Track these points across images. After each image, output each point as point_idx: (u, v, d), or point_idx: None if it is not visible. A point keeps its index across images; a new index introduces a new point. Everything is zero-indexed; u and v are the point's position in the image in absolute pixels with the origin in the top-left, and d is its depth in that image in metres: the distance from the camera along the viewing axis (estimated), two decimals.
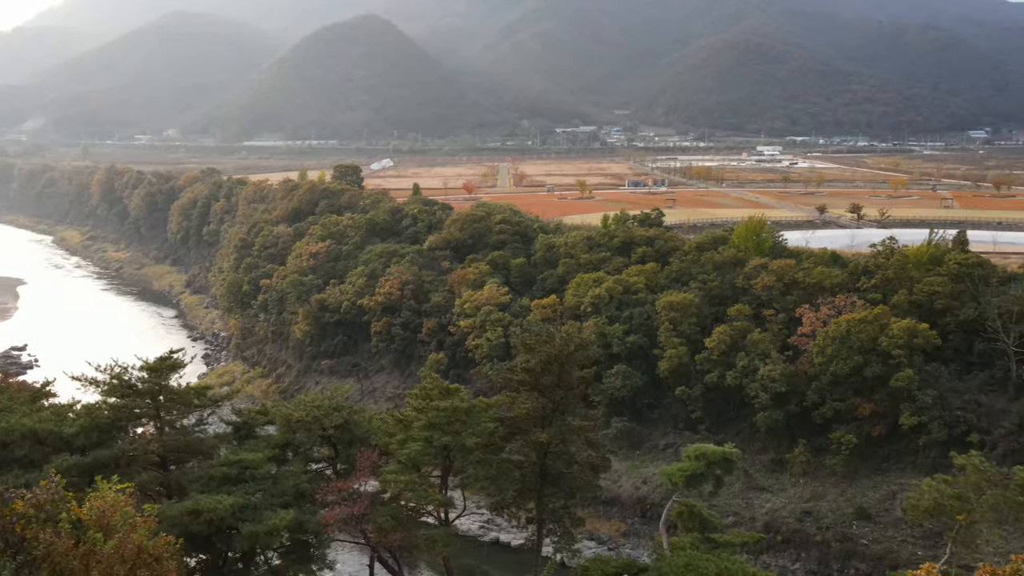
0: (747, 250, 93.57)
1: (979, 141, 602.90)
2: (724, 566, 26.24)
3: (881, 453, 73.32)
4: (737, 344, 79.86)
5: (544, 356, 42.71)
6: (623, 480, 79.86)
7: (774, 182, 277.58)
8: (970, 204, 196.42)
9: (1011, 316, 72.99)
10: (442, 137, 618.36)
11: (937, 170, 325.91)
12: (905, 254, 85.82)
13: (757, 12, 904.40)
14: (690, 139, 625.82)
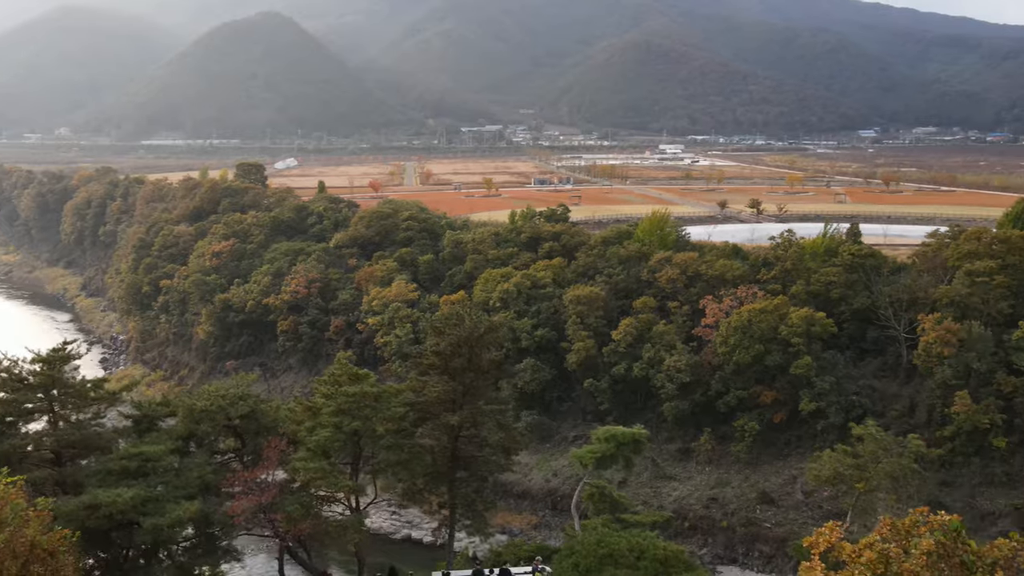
0: (651, 244, 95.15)
1: (869, 140, 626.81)
2: (635, 542, 26.65)
3: (782, 439, 75.57)
4: (643, 336, 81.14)
5: (454, 339, 42.52)
6: (533, 473, 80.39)
7: (676, 179, 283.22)
8: (862, 199, 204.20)
9: (901, 304, 76.13)
10: (348, 136, 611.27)
11: (831, 167, 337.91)
12: (802, 246, 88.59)
13: (658, 14, 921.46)
14: (594, 138, 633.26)
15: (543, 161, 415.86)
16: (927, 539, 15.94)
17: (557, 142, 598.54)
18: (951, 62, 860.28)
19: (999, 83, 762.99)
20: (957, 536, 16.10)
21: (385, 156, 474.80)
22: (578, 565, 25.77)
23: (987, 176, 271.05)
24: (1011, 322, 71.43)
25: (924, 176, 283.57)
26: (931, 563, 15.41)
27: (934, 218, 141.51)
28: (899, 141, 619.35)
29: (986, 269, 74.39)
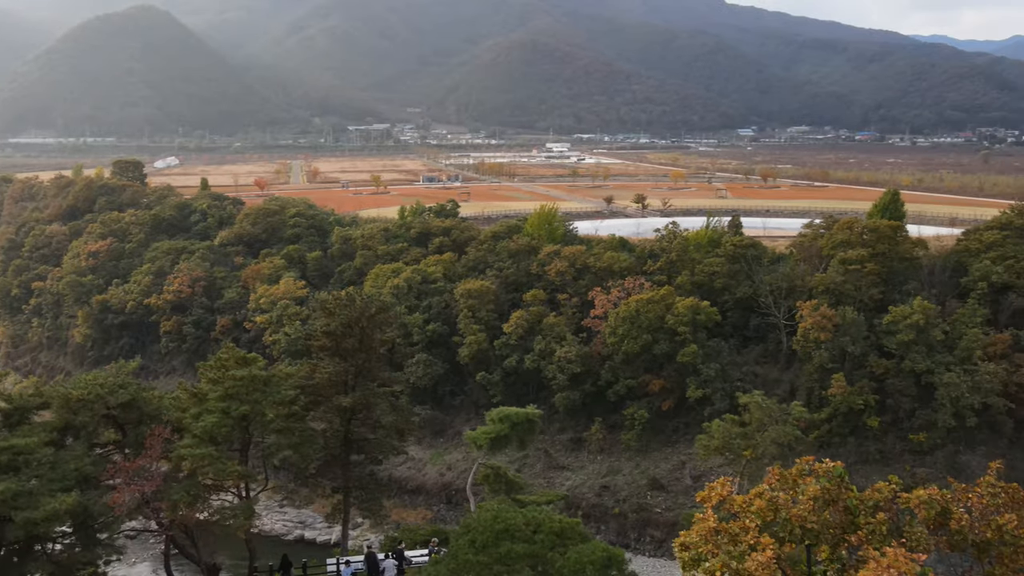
0: (540, 238, 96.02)
1: (747, 138, 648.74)
2: (531, 516, 26.88)
3: (671, 426, 77.35)
4: (534, 328, 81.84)
5: (345, 319, 41.88)
6: (427, 468, 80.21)
7: (563, 177, 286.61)
8: (742, 194, 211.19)
9: (780, 292, 79.01)
10: (231, 135, 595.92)
11: (712, 165, 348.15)
12: (686, 238, 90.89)
13: (543, 14, 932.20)
14: (482, 136, 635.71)
15: (431, 159, 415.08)
16: (813, 485, 16.69)
17: (445, 141, 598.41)
18: (821, 64, 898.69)
19: (866, 84, 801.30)
20: (841, 482, 16.91)
21: (271, 155, 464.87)
22: (475, 541, 25.82)
23: (857, 172, 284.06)
24: (881, 307, 75.06)
25: (799, 172, 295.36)
26: (817, 507, 16.14)
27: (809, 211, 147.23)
28: (775, 139, 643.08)
29: (858, 257, 77.85)
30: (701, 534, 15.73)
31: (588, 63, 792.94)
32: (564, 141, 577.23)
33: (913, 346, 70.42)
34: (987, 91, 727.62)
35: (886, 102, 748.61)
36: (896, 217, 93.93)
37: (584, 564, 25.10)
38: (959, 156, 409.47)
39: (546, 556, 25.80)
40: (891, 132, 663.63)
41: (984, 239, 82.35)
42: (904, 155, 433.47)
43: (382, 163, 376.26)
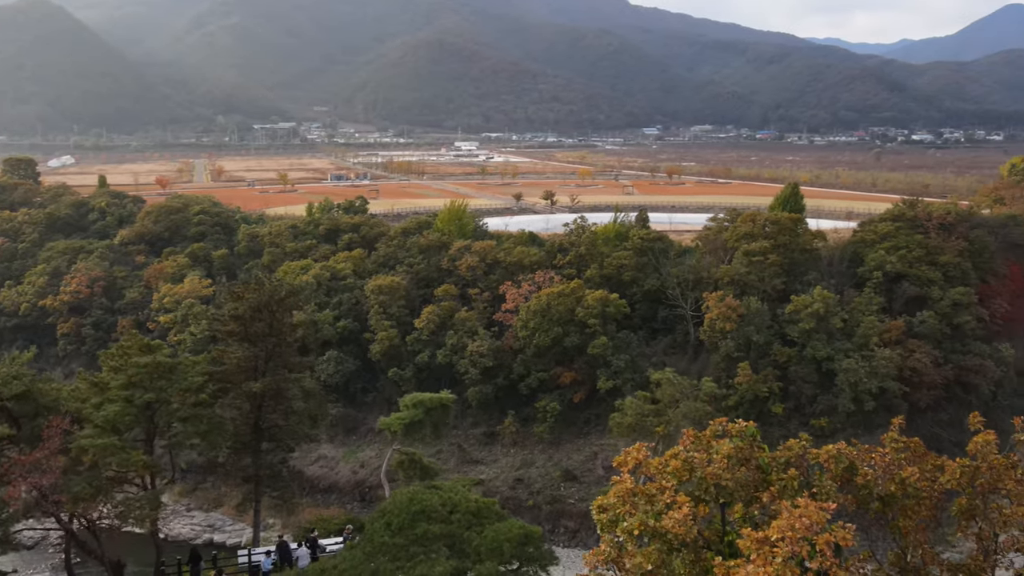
0: (451, 234, 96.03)
1: (652, 137, 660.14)
2: (447, 497, 26.91)
3: (582, 417, 78.23)
4: (445, 323, 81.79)
5: (253, 302, 40.98)
6: (340, 467, 79.36)
7: (473, 175, 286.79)
8: (648, 191, 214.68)
9: (687, 284, 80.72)
10: (130, 133, 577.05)
11: (618, 162, 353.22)
12: (595, 232, 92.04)
13: (450, 13, 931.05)
14: (390, 135, 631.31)
15: (339, 158, 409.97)
16: (727, 444, 17.18)
17: (353, 139, 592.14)
18: (723, 65, 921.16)
19: (765, 85, 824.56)
20: (753, 441, 17.44)
21: (172, 154, 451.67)
22: (390, 524, 25.72)
23: (758, 169, 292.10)
24: (783, 297, 77.47)
25: (703, 169, 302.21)
26: (731, 466, 16.62)
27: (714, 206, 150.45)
28: (679, 138, 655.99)
29: (761, 249, 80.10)
30: (618, 495, 15.99)
31: (495, 62, 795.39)
32: (472, 140, 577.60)
33: (814, 334, 72.89)
34: (878, 92, 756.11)
35: (784, 102, 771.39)
36: (796, 210, 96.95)
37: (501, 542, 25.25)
38: (853, 154, 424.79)
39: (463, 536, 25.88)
40: (790, 131, 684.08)
41: (878, 230, 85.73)
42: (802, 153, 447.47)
43: (289, 162, 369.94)
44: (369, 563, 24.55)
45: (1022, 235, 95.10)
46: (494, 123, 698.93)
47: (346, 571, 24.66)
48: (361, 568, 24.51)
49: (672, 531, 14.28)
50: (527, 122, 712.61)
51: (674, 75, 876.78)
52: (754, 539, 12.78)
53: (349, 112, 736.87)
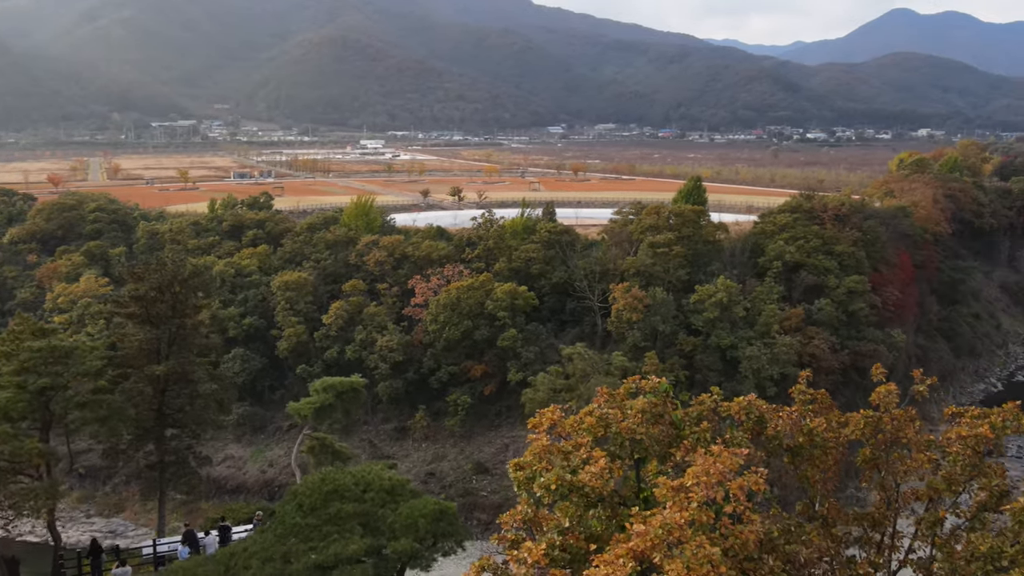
0: (358, 229, 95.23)
1: (557, 135, 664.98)
2: (361, 476, 26.72)
3: (493, 410, 78.63)
4: (354, 319, 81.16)
5: (155, 283, 39.75)
6: (248, 466, 77.96)
7: (379, 172, 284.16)
8: (554, 187, 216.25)
9: (594, 276, 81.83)
10: (18, 131, 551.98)
11: (524, 160, 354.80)
12: (503, 226, 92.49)
13: (353, 10, 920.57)
14: (294, 134, 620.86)
15: (242, 156, 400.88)
16: (641, 400, 17.57)
17: (256, 138, 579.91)
18: (625, 65, 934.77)
19: (666, 85, 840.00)
20: (666, 397, 17.87)
21: (65, 151, 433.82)
22: (302, 505, 25.39)
23: (661, 166, 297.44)
24: (688, 287, 79.28)
25: (608, 167, 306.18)
26: (645, 420, 16.99)
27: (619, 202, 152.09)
28: (584, 136, 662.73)
29: (666, 241, 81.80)
30: (535, 453, 16.15)
31: (400, 60, 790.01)
32: (378, 138, 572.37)
33: (718, 323, 74.80)
34: (774, 92, 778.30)
35: (685, 101, 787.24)
36: (699, 203, 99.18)
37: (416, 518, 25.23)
38: (752, 152, 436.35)
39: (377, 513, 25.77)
40: (691, 129, 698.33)
41: (777, 222, 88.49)
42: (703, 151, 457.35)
43: (190, 160, 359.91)
44: (280, 545, 24.21)
45: (911, 226, 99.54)
46: (400, 121, 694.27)
47: (256, 554, 24.25)
48: (272, 550, 24.14)
49: (589, 484, 14.52)
50: (433, 120, 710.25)
51: (578, 74, 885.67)
52: (670, 487, 13.13)
53: (251, 110, 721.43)
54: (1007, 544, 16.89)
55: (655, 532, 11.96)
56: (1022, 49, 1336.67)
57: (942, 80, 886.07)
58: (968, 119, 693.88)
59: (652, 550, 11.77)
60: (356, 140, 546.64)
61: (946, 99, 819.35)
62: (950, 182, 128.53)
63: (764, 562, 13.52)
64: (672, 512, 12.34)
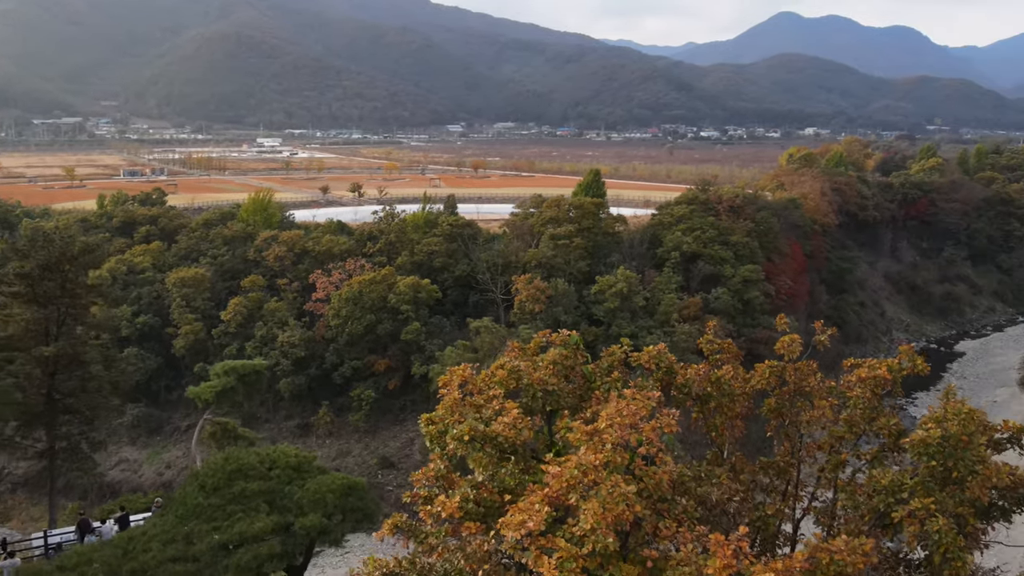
0: (256, 224, 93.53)
1: (457, 134, 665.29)
2: (266, 454, 26.28)
3: (398, 404, 78.17)
4: (254, 315, 79.64)
5: (42, 260, 38.05)
6: (144, 469, 75.63)
7: (277, 170, 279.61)
8: (455, 184, 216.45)
9: (497, 268, 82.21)
10: None
11: (424, 158, 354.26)
12: (405, 220, 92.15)
13: (246, 6, 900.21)
14: (187, 132, 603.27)
15: (132, 154, 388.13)
16: (552, 352, 17.84)
17: (147, 136, 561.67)
18: (523, 64, 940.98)
19: (564, 84, 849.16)
20: (577, 349, 18.19)
21: None
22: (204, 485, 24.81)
23: (560, 163, 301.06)
24: (589, 278, 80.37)
25: (508, 164, 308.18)
26: (557, 371, 17.26)
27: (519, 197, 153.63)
28: (484, 135, 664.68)
29: (566, 233, 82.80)
30: (447, 407, 16.16)
31: (296, 58, 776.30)
32: (276, 136, 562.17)
33: (619, 313, 76.03)
34: (668, 92, 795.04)
35: (583, 100, 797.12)
36: (598, 196, 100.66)
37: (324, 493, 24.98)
38: (648, 149, 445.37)
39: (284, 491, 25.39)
40: (588, 128, 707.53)
41: (675, 213, 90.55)
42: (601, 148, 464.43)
43: (76, 158, 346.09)
44: (182, 526, 23.61)
45: (801, 217, 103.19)
46: (297, 119, 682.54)
47: (156, 536, 23.59)
48: (173, 532, 23.53)
49: (503, 435, 14.65)
50: (331, 119, 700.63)
51: (476, 73, 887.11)
52: (583, 431, 13.36)
53: (141, 107, 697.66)
54: (907, 476, 17.80)
55: (570, 473, 12.18)
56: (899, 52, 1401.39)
57: (826, 81, 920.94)
58: (851, 118, 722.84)
59: (568, 491, 11.99)
60: (253, 138, 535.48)
61: (830, 99, 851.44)
62: (836, 176, 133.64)
63: (677, 503, 13.91)
64: (587, 454, 12.57)
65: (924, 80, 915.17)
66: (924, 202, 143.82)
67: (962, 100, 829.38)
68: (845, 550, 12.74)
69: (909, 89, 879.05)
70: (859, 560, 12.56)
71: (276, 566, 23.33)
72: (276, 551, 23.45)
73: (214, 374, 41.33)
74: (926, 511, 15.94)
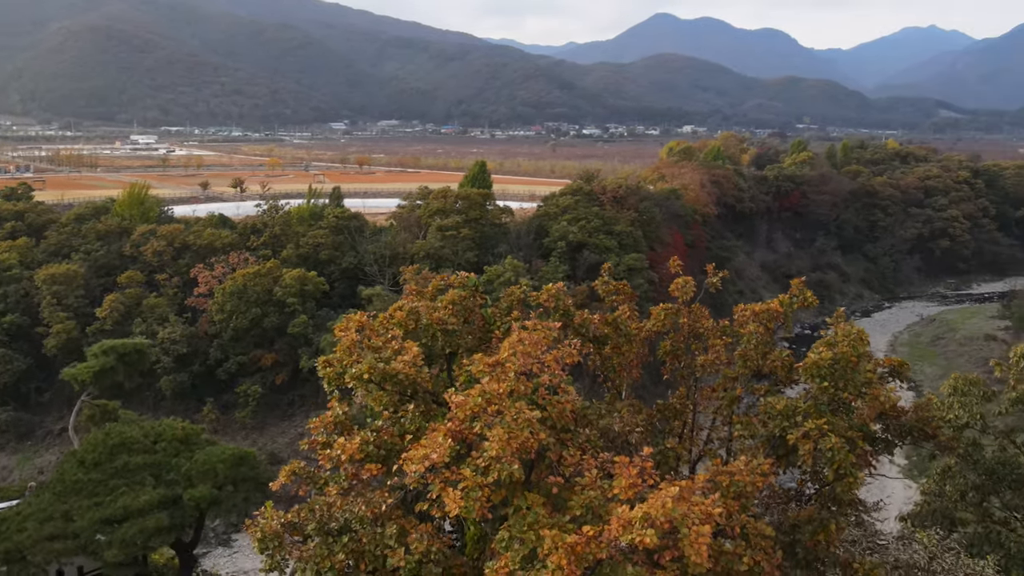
0: (133, 219, 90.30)
1: (340, 131, 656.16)
2: (151, 428, 25.36)
3: (286, 399, 76.78)
4: (132, 311, 76.84)
5: None
6: (14, 476, 71.86)
7: (154, 167, 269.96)
8: (340, 180, 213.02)
9: (384, 260, 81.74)
10: None
11: (308, 155, 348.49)
12: (289, 212, 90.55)
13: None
14: (55, 128, 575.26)
15: None
16: (451, 292, 17.88)
17: (10, 132, 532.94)
18: (407, 61, 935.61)
19: (447, 82, 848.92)
20: (475, 290, 18.27)
21: None
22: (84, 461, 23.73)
23: (445, 160, 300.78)
24: (477, 269, 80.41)
25: (393, 160, 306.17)
26: (456, 311, 17.30)
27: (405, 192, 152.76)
28: (367, 133, 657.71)
29: (454, 224, 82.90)
30: (344, 348, 15.92)
31: (171, 53, 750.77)
32: (151, 134, 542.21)
33: None
34: (551, 90, 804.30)
35: (466, 98, 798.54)
36: (484, 186, 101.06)
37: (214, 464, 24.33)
38: (531, 147, 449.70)
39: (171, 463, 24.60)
40: (472, 126, 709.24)
41: (560, 204, 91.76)
42: (485, 146, 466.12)
43: None
44: (60, 504, 22.52)
45: (682, 207, 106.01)
46: (174, 116, 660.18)
47: (32, 516, 22.44)
48: (51, 510, 22.43)
49: (403, 372, 14.56)
50: (210, 116, 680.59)
51: (359, 71, 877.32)
52: (486, 363, 13.41)
53: (3, 103, 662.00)
54: (801, 401, 18.62)
55: (474, 402, 12.23)
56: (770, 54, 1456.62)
57: (702, 81, 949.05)
58: (726, 116, 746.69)
59: (472, 420, 12.03)
60: (126, 136, 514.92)
61: (706, 98, 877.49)
62: (714, 169, 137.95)
63: (580, 432, 14.11)
64: (490, 384, 12.63)
65: (793, 80, 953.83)
66: (797, 194, 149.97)
67: (828, 100, 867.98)
68: (744, 470, 13.24)
69: (779, 89, 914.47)
70: (758, 480, 13.07)
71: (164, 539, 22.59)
72: (164, 524, 22.71)
73: (91, 354, 39.69)
74: (819, 431, 16.70)
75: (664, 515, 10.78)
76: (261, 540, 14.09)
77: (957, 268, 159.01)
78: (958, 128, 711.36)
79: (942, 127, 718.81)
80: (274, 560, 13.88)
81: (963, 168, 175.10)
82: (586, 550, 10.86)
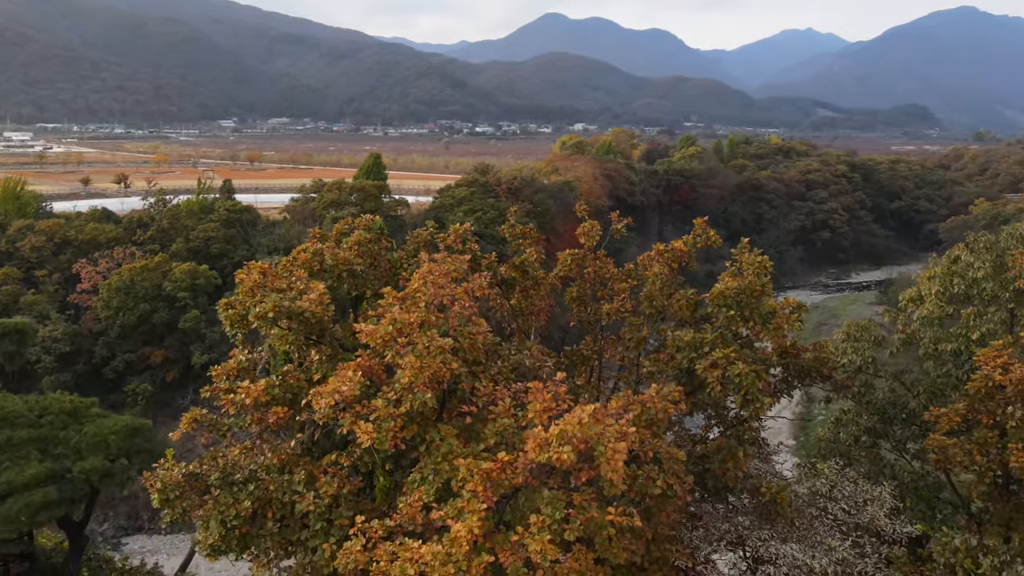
0: (8, 214, 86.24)
1: (229, 129, 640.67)
2: (36, 402, 24.31)
3: (178, 397, 74.67)
4: (9, 310, 73.32)
5: None
6: None
7: (29, 164, 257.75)
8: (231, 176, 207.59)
9: (279, 253, 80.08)
10: None
11: (196, 152, 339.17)
12: (178, 206, 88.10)
13: None
14: None
15: None
16: (356, 234, 17.79)
17: None
18: (297, 59, 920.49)
19: (338, 79, 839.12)
20: (381, 233, 18.22)
21: None
22: None
23: (338, 156, 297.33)
24: None
25: (285, 157, 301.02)
26: (361, 252, 17.19)
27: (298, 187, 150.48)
28: (257, 130, 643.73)
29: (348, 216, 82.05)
30: (247, 289, 15.48)
31: (45, 47, 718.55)
32: (25, 130, 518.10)
33: None
34: (443, 88, 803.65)
35: (358, 96, 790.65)
36: (379, 179, 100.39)
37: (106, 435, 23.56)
38: (425, 144, 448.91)
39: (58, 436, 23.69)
40: (365, 123, 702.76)
41: (456, 195, 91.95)
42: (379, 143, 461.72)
43: None
44: None
45: (576, 199, 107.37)
46: (50, 113, 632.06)
47: None
48: None
49: (309, 310, 14.34)
50: (89, 112, 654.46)
51: (248, 67, 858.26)
52: (395, 296, 13.38)
53: None
54: (708, 332, 19.20)
55: (384, 330, 12.20)
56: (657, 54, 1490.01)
57: (592, 80, 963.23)
58: (616, 115, 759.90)
59: (384, 347, 12.01)
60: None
61: (596, 97, 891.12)
62: (606, 162, 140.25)
63: (492, 365, 14.23)
64: (401, 314, 12.62)
65: (679, 80, 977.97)
66: (686, 188, 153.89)
67: (713, 99, 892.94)
68: (656, 398, 13.60)
69: (667, 88, 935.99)
70: (669, 407, 13.45)
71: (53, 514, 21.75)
72: (52, 498, 21.86)
73: None
74: (727, 359, 17.25)
75: (580, 433, 10.98)
76: (161, 491, 13.75)
77: (837, 258, 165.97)
78: (835, 126, 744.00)
79: (820, 125, 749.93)
80: (175, 511, 13.57)
81: (841, 162, 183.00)
82: (502, 476, 11.00)
